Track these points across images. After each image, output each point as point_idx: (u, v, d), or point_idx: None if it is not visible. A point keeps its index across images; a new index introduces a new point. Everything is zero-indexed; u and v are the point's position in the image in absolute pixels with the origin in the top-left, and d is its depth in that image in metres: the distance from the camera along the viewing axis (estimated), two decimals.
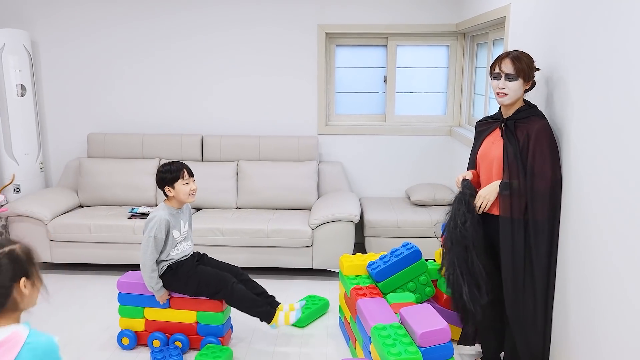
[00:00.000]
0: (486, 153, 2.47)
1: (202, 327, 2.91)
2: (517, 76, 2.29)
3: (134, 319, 2.97)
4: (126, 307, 2.97)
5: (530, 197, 2.26)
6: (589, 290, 2.05)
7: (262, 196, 4.30)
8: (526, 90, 2.36)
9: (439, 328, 2.27)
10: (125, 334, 2.96)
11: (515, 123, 2.34)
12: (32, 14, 4.57)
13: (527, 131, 2.28)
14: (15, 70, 4.30)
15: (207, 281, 2.82)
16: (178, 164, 2.86)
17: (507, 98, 2.33)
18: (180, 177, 2.82)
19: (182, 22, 4.51)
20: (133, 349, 2.97)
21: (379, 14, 4.42)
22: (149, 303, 2.94)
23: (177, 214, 2.88)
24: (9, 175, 4.39)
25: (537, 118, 2.31)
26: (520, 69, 2.29)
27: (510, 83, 2.30)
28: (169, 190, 2.83)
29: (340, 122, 4.72)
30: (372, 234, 4.02)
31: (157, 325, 2.95)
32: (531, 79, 2.34)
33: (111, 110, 4.70)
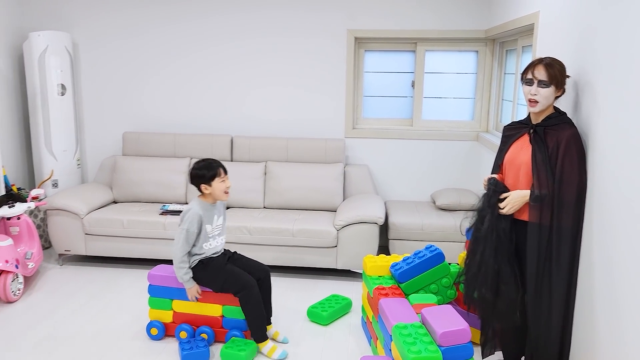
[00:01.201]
0: (514, 158, 2.48)
1: (227, 320, 3.01)
2: (549, 83, 2.30)
3: (163, 310, 3.09)
4: (156, 298, 3.09)
5: (558, 205, 2.27)
6: (614, 297, 2.06)
7: (288, 196, 4.39)
8: (557, 97, 2.38)
9: (459, 328, 2.30)
10: (154, 324, 3.08)
11: (545, 129, 2.36)
12: (73, 17, 4.77)
13: (557, 138, 2.29)
14: (56, 70, 4.50)
15: (232, 281, 2.91)
16: (215, 162, 2.94)
17: (538, 105, 2.34)
18: (218, 175, 2.91)
19: (215, 27, 4.65)
20: (161, 340, 3.08)
21: (408, 20, 4.47)
22: (177, 295, 3.05)
23: (210, 209, 2.97)
24: (48, 171, 4.58)
25: (567, 125, 2.32)
26: (553, 76, 2.30)
27: (543, 90, 2.31)
28: (205, 188, 2.91)
29: (367, 126, 4.78)
30: (396, 236, 4.06)
31: (184, 318, 3.06)
32: (563, 86, 2.35)
33: (145, 110, 4.86)
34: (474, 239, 2.52)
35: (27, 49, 4.46)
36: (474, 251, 2.51)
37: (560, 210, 2.27)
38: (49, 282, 3.88)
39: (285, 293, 3.74)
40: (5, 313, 3.39)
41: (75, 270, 4.09)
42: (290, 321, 3.32)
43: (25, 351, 2.93)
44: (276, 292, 3.74)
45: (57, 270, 4.10)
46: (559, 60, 2.36)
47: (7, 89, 4.57)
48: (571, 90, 2.50)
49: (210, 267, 2.95)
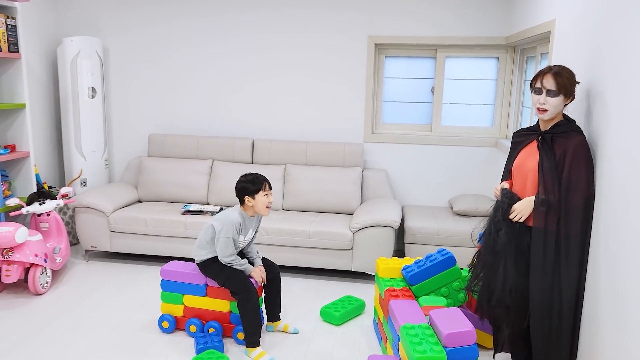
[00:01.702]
0: (522, 165, 2.51)
1: (234, 316, 3.12)
2: (558, 92, 2.32)
3: (174, 304, 3.22)
4: (168, 293, 3.22)
5: (564, 211, 2.29)
6: (620, 304, 2.07)
7: (307, 199, 4.47)
8: (566, 104, 2.40)
9: (464, 330, 2.34)
10: (165, 318, 3.21)
11: (552, 137, 2.38)
12: (104, 24, 4.98)
13: (565, 146, 2.30)
14: (88, 74, 4.70)
15: (233, 280, 2.99)
16: (261, 177, 3.04)
17: (547, 114, 2.36)
18: (262, 189, 3.00)
19: (239, 39, 4.78)
20: (172, 333, 3.21)
21: (429, 27, 4.52)
22: (188, 291, 3.18)
23: (249, 221, 3.07)
24: (77, 170, 4.78)
25: (575, 133, 2.33)
26: (562, 85, 2.31)
27: (552, 99, 2.33)
28: (249, 200, 3.01)
29: (386, 131, 4.83)
30: (412, 240, 4.10)
31: (194, 312, 3.19)
32: (572, 94, 2.36)
33: (171, 113, 5.03)
34: (492, 252, 2.50)
35: (61, 54, 4.67)
36: (494, 265, 2.49)
37: (567, 217, 2.29)
38: (75, 277, 4.05)
39: (300, 293, 3.82)
40: (34, 304, 3.57)
41: (100, 266, 4.26)
42: (304, 320, 3.40)
43: (51, 339, 3.08)
44: (291, 292, 3.84)
45: (84, 266, 4.28)
46: (568, 68, 2.37)
47: (41, 91, 4.79)
48: (584, 99, 2.51)
49: (218, 262, 3.04)
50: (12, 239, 3.54)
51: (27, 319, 3.35)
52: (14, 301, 3.61)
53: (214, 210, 4.34)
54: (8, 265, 3.59)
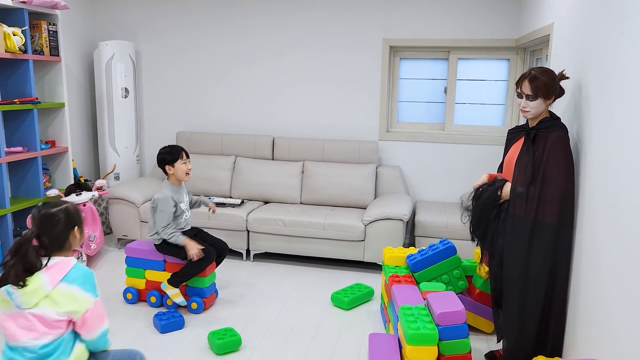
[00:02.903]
0: (510, 160, 2.69)
1: (189, 288, 3.52)
2: (535, 96, 2.49)
3: (137, 278, 3.63)
4: (131, 268, 3.63)
5: (540, 201, 2.43)
6: (602, 292, 2.24)
7: (323, 194, 4.72)
8: (550, 103, 2.56)
9: (455, 310, 2.55)
10: (129, 290, 3.63)
11: (536, 133, 2.55)
12: (137, 29, 5.34)
13: (545, 140, 2.47)
14: (121, 75, 5.05)
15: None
16: (178, 147, 3.46)
17: (529, 114, 2.56)
18: (180, 158, 3.42)
19: (261, 39, 5.06)
20: (135, 304, 3.62)
21: (442, 30, 4.71)
22: (149, 266, 3.59)
23: (178, 190, 3.50)
24: (111, 165, 5.14)
25: (556, 129, 2.49)
26: (538, 89, 2.47)
27: (531, 102, 2.52)
28: (169, 169, 3.43)
29: (401, 129, 5.04)
30: (421, 233, 4.30)
31: (154, 285, 3.59)
32: (552, 95, 2.52)
33: (197, 112, 5.35)
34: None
35: (97, 57, 5.04)
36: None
37: (542, 206, 2.44)
38: (108, 262, 4.40)
39: (313, 281, 4.07)
40: None
41: None
42: (315, 305, 3.64)
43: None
44: (305, 280, 4.09)
45: (116, 253, 4.63)
46: (548, 70, 2.53)
47: (78, 92, 5.17)
48: (577, 97, 2.68)
49: None
50: None
51: None
52: None
53: (236, 203, 4.63)
54: None
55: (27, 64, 4.10)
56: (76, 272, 1.94)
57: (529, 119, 2.62)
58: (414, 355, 2.45)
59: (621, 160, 2.03)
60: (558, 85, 2.55)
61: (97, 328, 1.99)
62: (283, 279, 4.12)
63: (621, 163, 2.03)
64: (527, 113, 2.56)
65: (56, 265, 1.93)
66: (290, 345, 3.10)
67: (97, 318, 1.98)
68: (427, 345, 2.46)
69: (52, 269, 1.92)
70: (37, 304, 1.88)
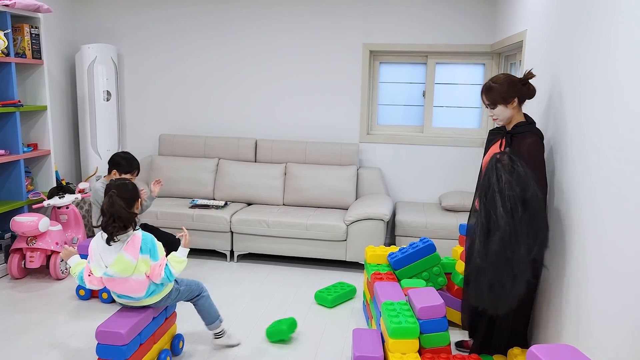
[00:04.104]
0: (487, 161, 2.80)
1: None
2: (494, 104, 2.67)
3: None
4: None
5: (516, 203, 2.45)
6: (582, 287, 2.38)
7: (306, 195, 4.80)
8: (521, 102, 2.67)
9: (435, 304, 2.66)
10: (82, 287, 3.62)
11: (512, 137, 2.68)
12: (119, 32, 5.36)
13: (520, 146, 2.59)
14: (103, 78, 5.07)
15: (165, 238, 3.46)
16: (135, 163, 3.66)
17: (498, 121, 2.73)
18: (131, 173, 3.58)
19: (245, 41, 5.14)
20: (87, 300, 3.70)
21: (420, 35, 4.85)
22: None
23: None
24: (93, 167, 5.14)
25: (530, 134, 2.61)
26: (494, 98, 2.65)
27: (494, 110, 2.69)
28: (115, 173, 3.61)
29: (381, 132, 5.16)
30: (402, 233, 4.42)
31: None
32: (511, 100, 2.63)
33: (180, 114, 5.39)
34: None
35: (79, 59, 5.05)
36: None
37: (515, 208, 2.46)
38: None
39: (297, 280, 4.16)
40: (55, 287, 3.93)
41: None
42: (299, 303, 3.73)
43: (71, 315, 3.44)
44: (289, 280, 4.17)
45: None
46: (502, 78, 2.66)
47: (60, 95, 5.17)
48: (549, 98, 2.83)
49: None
50: (35, 228, 3.90)
51: (48, 300, 3.71)
52: (37, 285, 3.97)
53: (220, 205, 4.69)
54: (32, 252, 3.96)
55: (9, 67, 4.10)
56: (145, 243, 2.60)
57: (503, 124, 2.74)
58: (397, 348, 2.55)
59: (591, 158, 2.17)
60: (519, 87, 2.65)
61: (159, 278, 2.62)
62: (267, 279, 4.19)
63: (591, 161, 2.17)
64: (495, 120, 2.73)
65: (131, 242, 2.58)
66: (276, 342, 3.17)
67: (157, 273, 2.62)
68: (408, 339, 2.56)
69: (129, 246, 2.57)
70: (130, 273, 2.57)
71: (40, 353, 2.99)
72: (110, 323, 2.58)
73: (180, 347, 3.02)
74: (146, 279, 2.61)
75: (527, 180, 2.40)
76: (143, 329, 2.67)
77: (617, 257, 1.86)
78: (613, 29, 1.99)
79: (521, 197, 2.38)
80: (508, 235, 2.37)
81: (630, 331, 1.72)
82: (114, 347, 2.52)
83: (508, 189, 2.38)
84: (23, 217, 3.94)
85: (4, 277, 4.10)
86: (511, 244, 2.37)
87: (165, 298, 2.75)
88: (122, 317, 2.64)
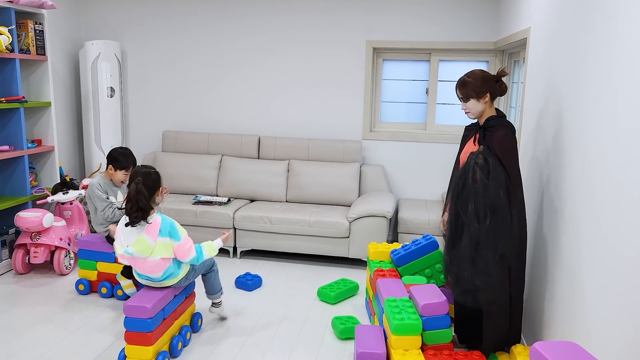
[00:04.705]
0: (464, 156, 2.81)
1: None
2: (467, 98, 2.73)
3: (89, 270, 3.75)
4: (83, 260, 3.75)
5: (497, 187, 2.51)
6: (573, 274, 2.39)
7: (308, 192, 4.81)
8: (493, 98, 2.72)
9: (438, 301, 2.67)
10: (81, 281, 3.74)
11: (484, 131, 2.73)
12: (123, 29, 5.37)
13: (491, 139, 2.64)
14: (107, 74, 5.08)
15: None
16: (131, 159, 3.64)
17: (470, 114, 2.78)
18: (126, 169, 3.60)
19: (247, 40, 5.14)
20: (87, 294, 3.75)
21: (423, 32, 4.84)
22: (101, 258, 3.71)
23: (111, 185, 3.66)
24: (97, 164, 5.16)
25: (500, 127, 2.66)
26: (467, 93, 2.72)
27: (466, 103, 2.75)
28: (111, 169, 3.61)
29: (384, 129, 5.16)
30: (404, 230, 4.43)
31: (105, 276, 3.72)
32: (483, 95, 2.70)
33: (183, 111, 5.40)
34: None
35: (83, 56, 5.06)
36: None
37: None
38: None
39: (300, 277, 4.17)
40: (59, 282, 3.95)
41: None
42: (302, 300, 3.74)
43: (76, 309, 3.46)
44: (292, 276, 4.19)
45: None
46: (476, 72, 2.73)
47: (64, 91, 5.18)
48: (552, 99, 2.83)
49: None
50: (39, 224, 3.92)
51: (52, 295, 3.73)
52: (41, 280, 3.99)
53: (223, 201, 4.70)
54: (36, 248, 3.98)
55: (13, 63, 4.11)
56: (164, 226, 2.81)
57: (474, 118, 2.79)
58: (399, 344, 2.56)
59: (591, 155, 2.18)
60: (492, 84, 2.70)
61: (187, 257, 2.86)
62: (270, 275, 4.20)
63: (592, 159, 2.17)
64: (468, 114, 2.78)
65: (151, 226, 2.80)
66: (279, 338, 3.19)
67: (185, 252, 2.85)
68: (411, 335, 2.58)
69: (149, 229, 2.80)
70: (148, 254, 2.79)
71: (43, 347, 3.01)
72: (137, 298, 2.79)
73: (199, 324, 3.27)
74: (163, 262, 2.82)
75: (499, 185, 2.48)
76: (166, 305, 2.88)
77: (615, 256, 1.87)
78: (618, 27, 1.99)
79: (491, 202, 2.46)
80: (475, 239, 2.47)
81: (633, 330, 1.73)
82: (140, 320, 2.72)
83: (482, 195, 2.47)
84: (27, 213, 3.96)
85: (9, 272, 4.13)
86: (478, 248, 2.47)
87: (182, 280, 2.96)
88: (148, 294, 2.85)
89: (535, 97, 3.15)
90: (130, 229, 2.83)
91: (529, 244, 2.90)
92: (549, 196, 2.70)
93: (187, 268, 2.97)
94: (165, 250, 2.81)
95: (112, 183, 3.66)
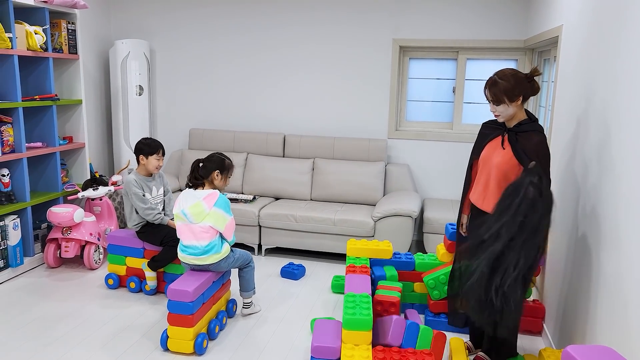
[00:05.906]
0: (488, 158, 2.68)
1: (166, 275, 3.71)
2: (497, 101, 2.53)
3: (118, 265, 3.82)
4: (113, 255, 3.82)
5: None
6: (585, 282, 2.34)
7: (333, 190, 4.81)
8: (525, 100, 2.54)
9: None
10: (110, 276, 3.82)
11: (516, 135, 2.57)
12: (152, 28, 5.45)
13: (526, 145, 2.51)
14: (136, 73, 5.16)
15: (173, 234, 3.44)
16: (157, 143, 3.68)
17: (500, 118, 2.60)
18: (156, 153, 3.63)
19: (274, 39, 5.17)
20: (116, 289, 3.82)
21: (451, 30, 4.80)
22: (129, 253, 3.77)
23: (147, 180, 3.70)
24: (125, 161, 5.25)
25: (535, 133, 2.52)
26: (497, 94, 2.51)
27: (497, 107, 2.56)
28: (142, 159, 3.65)
29: (409, 128, 5.13)
30: (430, 230, 4.39)
31: (134, 271, 3.79)
32: (516, 98, 2.51)
33: (210, 109, 5.46)
34: None
35: (113, 55, 5.15)
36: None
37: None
38: None
39: (324, 275, 4.18)
40: (89, 277, 4.03)
41: None
42: (318, 294, 3.80)
43: (105, 303, 3.54)
44: (315, 274, 4.20)
45: None
46: (508, 73, 2.53)
47: (94, 89, 5.29)
48: (582, 101, 2.77)
49: (153, 225, 3.64)
50: (70, 219, 4.01)
51: (83, 289, 3.82)
52: (72, 274, 4.08)
53: (248, 199, 4.74)
54: (67, 242, 4.07)
55: (47, 62, 4.21)
56: (221, 200, 3.13)
57: (504, 120, 2.62)
58: (349, 339, 2.52)
59: (626, 160, 2.13)
60: (525, 85, 2.53)
61: (232, 235, 3.19)
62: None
63: (626, 163, 2.12)
64: (498, 117, 2.61)
65: (209, 196, 3.10)
66: (305, 329, 3.21)
67: (232, 230, 3.18)
68: (361, 330, 2.52)
69: (207, 198, 3.09)
70: (201, 220, 3.06)
71: (75, 340, 3.08)
72: (179, 283, 2.95)
73: (234, 310, 3.46)
74: (212, 231, 3.08)
75: (548, 208, 2.34)
76: (205, 290, 3.05)
77: None
78: None
79: (537, 224, 2.31)
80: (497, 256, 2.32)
81: None
82: (182, 303, 2.88)
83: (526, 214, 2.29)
84: (59, 208, 4.05)
85: (41, 265, 4.23)
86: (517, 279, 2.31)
87: (223, 260, 3.15)
88: (189, 279, 3.02)
89: (568, 96, 3.09)
90: (192, 193, 3.12)
91: (567, 247, 2.83)
92: (589, 203, 2.61)
93: (227, 250, 3.17)
94: (216, 221, 3.07)
95: (147, 178, 3.71)
